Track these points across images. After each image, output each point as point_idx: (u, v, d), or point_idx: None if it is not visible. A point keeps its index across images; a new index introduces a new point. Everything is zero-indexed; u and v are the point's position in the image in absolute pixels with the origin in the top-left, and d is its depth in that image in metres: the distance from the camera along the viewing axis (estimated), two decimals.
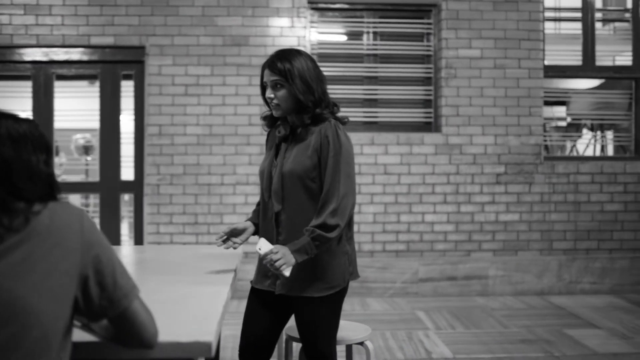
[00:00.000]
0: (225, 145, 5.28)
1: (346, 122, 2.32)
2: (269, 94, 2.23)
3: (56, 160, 8.52)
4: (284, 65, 2.20)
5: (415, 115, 5.54)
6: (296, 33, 5.32)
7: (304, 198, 2.19)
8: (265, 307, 2.36)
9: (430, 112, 5.53)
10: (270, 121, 2.38)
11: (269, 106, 2.29)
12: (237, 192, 5.28)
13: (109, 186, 5.45)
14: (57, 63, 5.38)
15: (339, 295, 2.26)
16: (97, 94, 5.46)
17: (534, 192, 5.44)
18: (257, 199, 5.27)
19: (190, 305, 1.84)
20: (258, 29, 5.29)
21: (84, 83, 5.82)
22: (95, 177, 5.65)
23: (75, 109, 5.61)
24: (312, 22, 5.44)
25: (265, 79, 2.26)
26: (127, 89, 5.47)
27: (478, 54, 5.42)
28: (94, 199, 6.59)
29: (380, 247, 5.33)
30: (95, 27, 5.25)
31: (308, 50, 5.36)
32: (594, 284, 5.45)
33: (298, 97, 2.19)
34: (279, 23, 5.31)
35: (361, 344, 2.57)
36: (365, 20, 5.54)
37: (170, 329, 1.52)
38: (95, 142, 5.88)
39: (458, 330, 4.34)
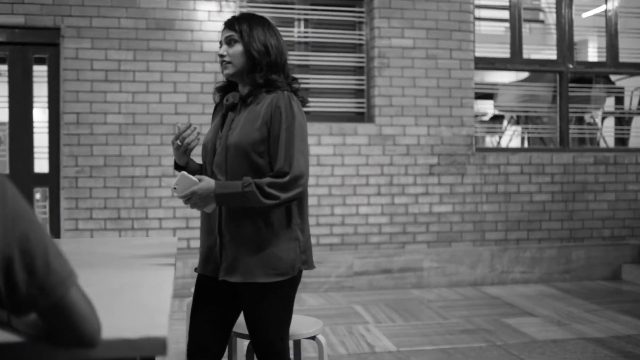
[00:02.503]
0: (150, 135, 4.96)
1: (304, 102, 2.13)
2: (222, 51, 2.05)
3: None
4: (243, 24, 2.04)
5: (348, 105, 5.42)
6: (224, 18, 5.04)
7: (250, 175, 1.96)
8: (212, 298, 2.13)
9: (363, 102, 5.42)
10: (223, 93, 2.16)
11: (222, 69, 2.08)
12: (163, 185, 4.97)
13: (20, 179, 4.99)
14: None
15: (290, 285, 2.04)
16: (5, 80, 4.99)
17: (467, 183, 5.44)
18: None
19: (132, 296, 1.59)
20: (184, 13, 5.00)
21: None
22: (4, 170, 5.17)
23: None
24: (241, 7, 5.20)
25: (221, 38, 2.08)
26: (40, 74, 5.03)
27: (410, 44, 5.36)
28: None
29: (314, 241, 5.16)
30: (3, 5, 4.79)
31: None
32: (525, 273, 5.52)
33: (252, 54, 2.01)
34: (206, 7, 5.04)
35: (313, 338, 2.37)
36: (297, 7, 5.36)
37: (112, 323, 1.26)
38: (4, 132, 5.40)
39: (398, 322, 4.24)
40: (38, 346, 1.13)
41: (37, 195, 5.69)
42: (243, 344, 2.69)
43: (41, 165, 5.13)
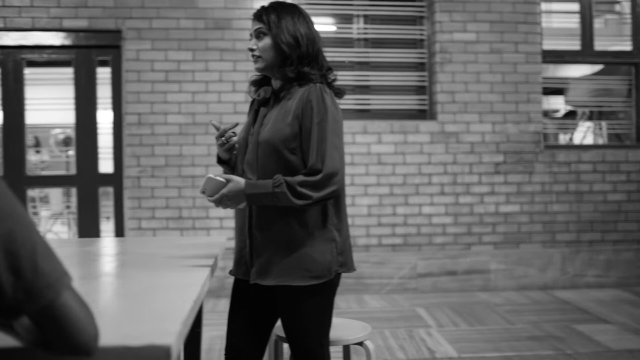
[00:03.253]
0: (210, 134, 4.96)
1: (340, 93, 2.02)
2: (251, 44, 1.97)
3: (38, 157, 8.15)
4: (271, 14, 1.95)
5: (409, 102, 5.27)
6: None
7: (282, 173, 1.85)
8: (248, 302, 2.04)
9: (424, 99, 5.26)
10: (258, 87, 2.08)
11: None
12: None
13: (86, 179, 5.10)
14: (27, 48, 5.02)
15: (327, 288, 1.92)
16: (72, 82, 5.10)
17: (535, 182, 5.19)
18: None
19: (152, 300, 1.52)
20: (242, 12, 4.97)
21: (58, 70, 5.46)
22: (72, 170, 5.30)
23: (49, 97, 5.26)
24: (299, 4, 5.13)
25: (251, 30, 2.00)
26: (103, 76, 5.12)
27: (473, 38, 5.16)
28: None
29: (375, 241, 5.05)
30: (68, 10, 4.90)
31: None
32: (599, 277, 5.21)
33: (282, 47, 1.91)
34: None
35: (360, 344, 2.26)
36: (355, 3, 5.25)
37: (119, 328, 1.20)
38: (69, 134, 5.53)
39: (461, 327, 4.07)
40: (36, 352, 1.05)
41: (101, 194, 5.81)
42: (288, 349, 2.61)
43: (106, 165, 5.22)
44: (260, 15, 1.96)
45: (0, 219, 0.95)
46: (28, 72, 5.14)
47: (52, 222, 7.84)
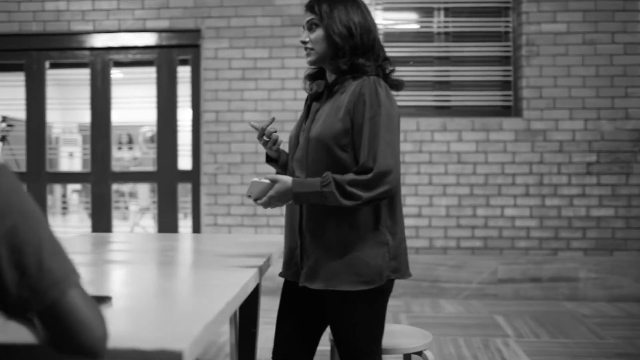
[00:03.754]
0: (285, 131, 4.92)
1: (398, 86, 1.89)
2: (303, 37, 1.88)
3: (130, 154, 8.51)
4: (322, 4, 1.85)
5: (492, 98, 5.00)
6: None
7: (333, 171, 1.75)
8: (297, 305, 1.95)
9: (509, 95, 4.97)
10: (314, 81, 1.98)
11: None
12: None
13: (166, 176, 5.22)
14: (113, 49, 5.20)
15: (379, 295, 1.80)
16: (154, 81, 5.24)
17: (632, 184, 4.77)
18: None
19: (185, 300, 1.46)
20: None
21: (142, 69, 5.63)
22: (153, 166, 5.45)
23: (133, 95, 5.43)
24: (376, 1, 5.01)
25: (303, 22, 1.91)
26: (184, 74, 5.22)
27: (564, 29, 4.81)
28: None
29: (454, 244, 4.83)
30: (151, 11, 5.03)
31: None
32: None
33: (334, 38, 1.80)
34: None
35: (419, 353, 2.11)
36: None
37: (140, 330, 1.15)
38: (153, 131, 5.69)
39: (543, 338, 3.79)
40: (41, 349, 1.01)
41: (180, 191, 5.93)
42: None
43: (185, 162, 5.32)
44: (312, 5, 1.87)
45: (5, 214, 0.92)
46: (115, 72, 5.32)
47: (140, 216, 8.15)
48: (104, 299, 1.36)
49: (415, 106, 4.98)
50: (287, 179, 1.76)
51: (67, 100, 6.00)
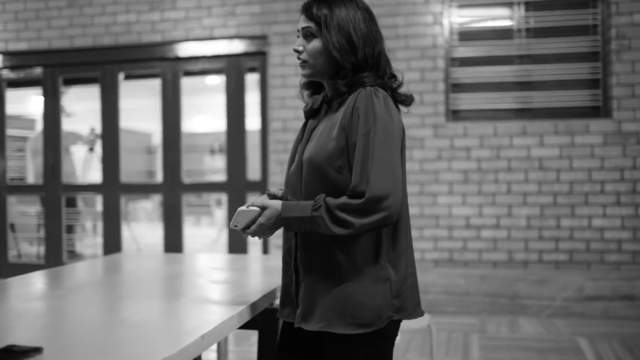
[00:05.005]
0: None
1: (408, 100, 1.64)
2: (296, 45, 1.63)
3: (216, 162, 8.58)
4: (321, 10, 1.59)
5: (578, 98, 4.59)
6: (431, 9, 4.64)
7: (329, 196, 1.53)
8: (295, 348, 1.74)
9: (597, 94, 4.55)
10: (313, 90, 1.74)
11: None
12: None
13: (235, 186, 5.18)
14: (183, 60, 5.21)
15: (379, 338, 1.57)
16: (222, 90, 5.20)
17: None
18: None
19: (131, 344, 1.32)
20: (386, 9, 4.68)
21: (209, 78, 5.61)
22: (223, 176, 5.42)
23: (202, 104, 5.42)
24: None
25: (298, 27, 1.66)
26: (252, 82, 5.15)
27: None
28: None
29: (535, 257, 4.48)
30: (218, 19, 4.99)
31: (446, 28, 4.65)
32: None
33: (333, 53, 1.57)
34: None
35: None
36: None
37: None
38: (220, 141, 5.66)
39: None
40: None
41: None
42: None
43: (255, 172, 5.25)
44: (310, 9, 1.61)
45: None
46: (184, 82, 5.33)
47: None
48: (31, 352, 1.23)
49: (493, 109, 4.66)
50: (277, 204, 1.58)
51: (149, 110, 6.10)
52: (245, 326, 2.18)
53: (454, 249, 4.60)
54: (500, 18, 4.73)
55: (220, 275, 2.28)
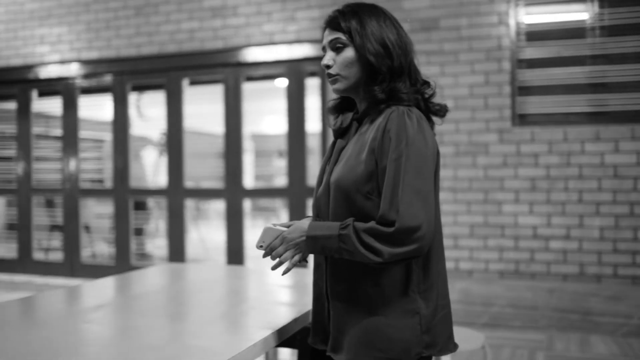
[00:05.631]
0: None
1: (441, 111, 1.56)
2: (326, 60, 1.56)
3: (281, 166, 8.61)
4: (349, 20, 1.52)
5: None
6: (496, 8, 4.43)
7: None
8: None
9: None
10: (339, 114, 1.66)
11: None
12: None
13: (295, 191, 5.14)
14: (244, 65, 5.22)
15: None
16: (284, 94, 5.18)
17: None
18: (451, 207, 4.52)
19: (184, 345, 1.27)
20: (449, 9, 4.51)
21: (272, 83, 5.60)
22: (283, 182, 5.40)
23: (262, 110, 5.42)
24: None
25: (324, 42, 1.59)
26: (313, 87, 5.10)
27: None
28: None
29: (609, 271, 4.19)
30: (278, 24, 4.96)
31: (513, 29, 4.43)
32: None
33: (368, 59, 1.49)
34: None
35: None
36: None
37: None
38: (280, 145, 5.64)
39: None
40: None
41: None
42: None
43: (314, 177, 5.20)
44: (336, 21, 1.55)
45: None
46: (245, 87, 5.34)
47: None
48: None
49: (563, 113, 4.39)
50: (304, 222, 1.52)
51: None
52: (285, 344, 2.12)
53: (520, 260, 4.37)
54: (571, 16, 4.45)
55: (256, 293, 2.22)
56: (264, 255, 1.57)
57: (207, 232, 8.75)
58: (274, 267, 1.56)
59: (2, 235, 6.62)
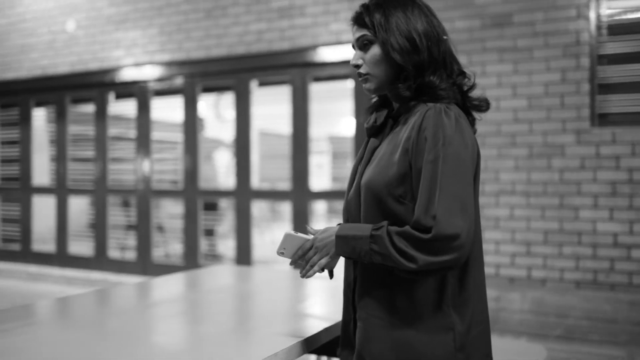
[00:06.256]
0: (486, 146, 4.41)
1: (481, 106, 1.43)
2: (355, 59, 1.46)
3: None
4: (373, 15, 1.42)
5: None
6: (574, 1, 4.17)
7: None
8: None
9: None
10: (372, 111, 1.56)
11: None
12: (500, 204, 4.36)
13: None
14: (311, 66, 5.17)
15: None
16: (352, 94, 5.10)
17: None
18: (524, 211, 4.29)
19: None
20: (523, 4, 4.28)
21: (342, 85, 5.53)
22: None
23: (339, 112, 5.36)
24: None
25: (352, 40, 1.50)
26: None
27: None
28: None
29: None
30: (345, 23, 4.88)
31: (593, 22, 4.15)
32: None
33: (393, 56, 1.38)
34: None
35: None
36: None
37: None
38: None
39: None
40: None
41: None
42: None
43: None
44: (361, 17, 1.45)
45: None
46: (315, 88, 5.29)
47: None
48: None
49: None
50: (333, 227, 1.42)
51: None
52: (320, 351, 2.04)
53: (598, 270, 4.09)
54: None
55: (296, 299, 2.14)
56: (291, 264, 1.49)
57: (280, 234, 8.79)
58: (304, 274, 1.46)
59: (83, 233, 6.87)
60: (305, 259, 1.44)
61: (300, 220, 5.30)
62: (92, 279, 6.14)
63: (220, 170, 7.80)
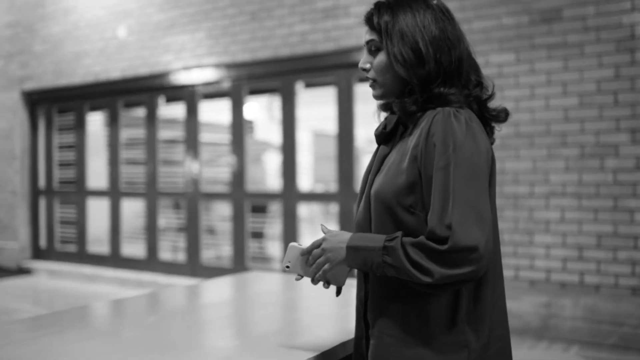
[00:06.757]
0: (535, 147, 4.25)
1: (500, 116, 1.33)
2: (363, 62, 1.37)
3: None
4: (382, 17, 1.32)
5: None
6: None
7: None
8: None
9: None
10: (389, 112, 1.45)
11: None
12: (550, 206, 4.20)
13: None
14: (356, 66, 5.12)
15: None
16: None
17: None
18: (576, 214, 4.11)
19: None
20: None
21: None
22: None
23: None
24: None
25: (363, 42, 1.41)
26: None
27: None
28: None
29: None
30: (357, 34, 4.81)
31: None
32: None
33: (397, 69, 1.29)
34: None
35: None
36: None
37: None
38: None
39: None
40: None
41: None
42: None
43: None
44: (371, 18, 1.36)
45: None
46: (358, 89, 5.24)
47: None
48: None
49: None
50: (345, 232, 1.33)
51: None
52: None
53: None
54: None
55: (318, 308, 2.09)
56: (297, 279, 1.43)
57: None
58: (312, 276, 1.38)
59: (136, 235, 7.02)
60: (313, 256, 1.35)
61: (347, 222, 5.25)
62: (144, 280, 6.26)
63: (270, 173, 7.82)
